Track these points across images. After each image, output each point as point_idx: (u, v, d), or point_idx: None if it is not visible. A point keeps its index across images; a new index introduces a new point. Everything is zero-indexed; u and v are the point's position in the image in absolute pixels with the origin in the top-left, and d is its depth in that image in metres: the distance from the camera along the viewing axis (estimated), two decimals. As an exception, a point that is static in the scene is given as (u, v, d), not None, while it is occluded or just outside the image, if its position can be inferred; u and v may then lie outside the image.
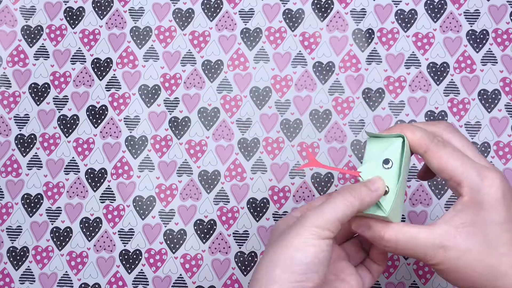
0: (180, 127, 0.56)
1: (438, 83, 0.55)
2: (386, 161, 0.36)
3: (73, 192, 0.56)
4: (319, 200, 0.40)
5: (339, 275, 0.40)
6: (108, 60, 0.57)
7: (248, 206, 0.55)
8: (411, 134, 0.37)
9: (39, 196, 0.56)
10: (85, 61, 0.58)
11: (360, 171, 0.37)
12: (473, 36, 0.56)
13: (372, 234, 0.37)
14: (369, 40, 0.56)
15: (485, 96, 0.55)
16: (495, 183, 0.35)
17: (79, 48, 0.58)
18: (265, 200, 0.55)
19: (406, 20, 0.56)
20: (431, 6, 0.56)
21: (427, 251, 0.35)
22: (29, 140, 0.57)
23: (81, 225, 0.55)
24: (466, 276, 0.35)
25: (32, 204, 0.56)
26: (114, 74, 0.57)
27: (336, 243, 0.42)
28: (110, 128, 0.56)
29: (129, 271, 0.54)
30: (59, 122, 0.57)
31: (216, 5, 0.58)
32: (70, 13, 0.59)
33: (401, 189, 0.37)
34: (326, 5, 0.57)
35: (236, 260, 0.54)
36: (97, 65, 0.58)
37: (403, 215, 0.53)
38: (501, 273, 0.35)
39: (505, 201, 0.35)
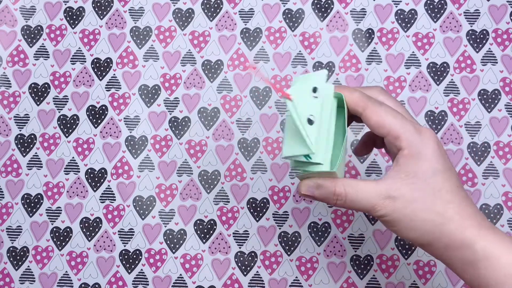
0: (180, 127, 0.56)
1: (438, 83, 0.55)
2: (314, 89, 0.36)
3: (73, 192, 0.56)
4: None
5: None
6: (108, 60, 0.57)
7: (248, 206, 0.55)
8: (349, 94, 0.38)
9: (39, 196, 0.56)
10: (85, 61, 0.58)
11: (290, 94, 0.36)
12: (473, 36, 0.56)
13: (322, 191, 0.38)
14: (369, 40, 0.56)
15: (485, 96, 0.55)
16: (431, 136, 0.37)
17: (79, 48, 0.58)
18: (265, 200, 0.55)
19: (406, 20, 0.56)
20: (431, 6, 0.56)
21: (375, 201, 0.37)
22: (29, 140, 0.57)
23: (81, 225, 0.55)
24: (414, 225, 0.37)
25: (32, 204, 0.56)
26: (114, 74, 0.57)
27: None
28: (110, 128, 0.56)
29: (129, 271, 0.54)
30: (59, 122, 0.57)
31: (216, 5, 0.58)
32: (70, 13, 0.59)
33: (343, 149, 0.38)
34: (326, 5, 0.57)
35: (236, 260, 0.54)
36: (97, 65, 0.58)
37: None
38: (447, 218, 0.36)
39: (441, 152, 0.37)
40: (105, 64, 0.57)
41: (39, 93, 0.57)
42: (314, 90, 0.36)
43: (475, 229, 0.36)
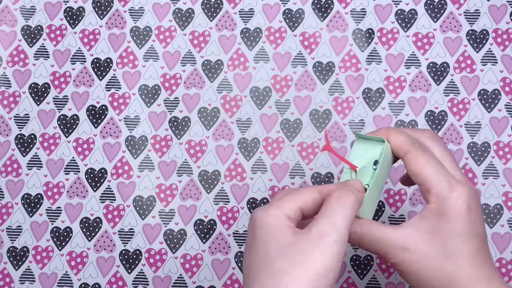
0: (180, 127, 0.56)
1: (438, 83, 0.55)
2: (375, 163, 0.38)
3: (73, 192, 0.56)
4: (293, 195, 0.38)
5: None
6: (108, 60, 0.57)
7: (248, 206, 0.55)
8: (395, 137, 0.38)
9: (39, 196, 0.56)
10: (85, 61, 0.58)
11: (357, 167, 0.39)
12: (473, 36, 0.56)
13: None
14: (369, 40, 0.56)
15: (485, 96, 0.55)
16: (463, 196, 0.36)
17: (79, 48, 0.58)
18: (265, 200, 0.55)
19: (406, 20, 0.56)
20: (431, 6, 0.56)
21: (389, 249, 0.36)
22: (29, 140, 0.57)
23: (81, 225, 0.55)
24: (423, 280, 0.36)
25: (32, 204, 0.56)
26: (114, 74, 0.57)
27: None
28: (110, 128, 0.56)
29: (129, 271, 0.54)
30: (59, 122, 0.57)
31: (216, 5, 0.58)
32: (70, 13, 0.59)
33: (375, 188, 0.39)
34: (326, 5, 0.57)
35: (236, 260, 0.54)
36: (97, 65, 0.57)
37: (378, 212, 0.53)
38: (456, 282, 0.35)
39: (469, 215, 0.35)
40: (105, 64, 0.57)
41: (39, 93, 0.57)
42: (375, 163, 0.38)
43: None
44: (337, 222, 0.34)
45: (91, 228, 0.55)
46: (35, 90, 0.58)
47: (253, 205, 0.55)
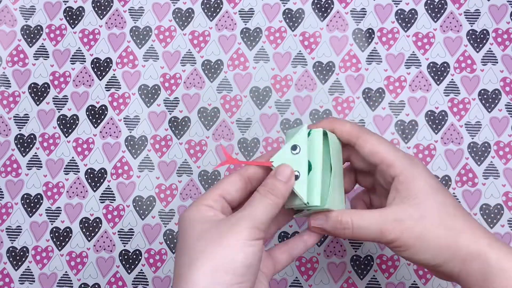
0: (180, 127, 0.56)
1: (438, 83, 0.55)
2: (294, 147, 0.39)
3: (73, 192, 0.56)
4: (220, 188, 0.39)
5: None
6: (108, 60, 0.57)
7: (248, 206, 0.54)
8: (341, 126, 0.40)
9: (38, 196, 0.56)
10: (84, 61, 0.58)
11: (272, 161, 0.39)
12: (473, 36, 0.56)
13: (331, 223, 0.39)
14: (369, 40, 0.56)
15: (485, 96, 0.55)
16: (419, 161, 0.39)
17: (79, 48, 0.58)
18: (265, 200, 0.55)
19: (406, 20, 0.56)
20: (431, 6, 0.56)
21: (383, 226, 0.37)
22: (29, 140, 0.57)
23: (80, 225, 0.55)
24: (427, 245, 0.36)
25: (32, 204, 0.56)
26: (114, 74, 0.57)
27: None
28: (110, 128, 0.56)
29: (129, 271, 0.54)
30: (58, 122, 0.57)
31: (216, 5, 0.58)
32: (70, 13, 0.58)
33: (336, 179, 0.40)
34: (326, 5, 0.57)
35: (236, 260, 0.54)
36: (97, 65, 0.57)
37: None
38: (459, 230, 0.36)
39: (431, 174, 0.39)
40: (105, 64, 0.57)
41: (39, 93, 0.57)
42: (294, 148, 0.39)
43: (485, 240, 0.36)
44: (257, 214, 0.35)
45: (90, 228, 0.55)
46: (34, 90, 0.57)
47: (253, 205, 0.54)
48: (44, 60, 0.58)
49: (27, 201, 0.56)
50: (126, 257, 0.54)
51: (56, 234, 0.55)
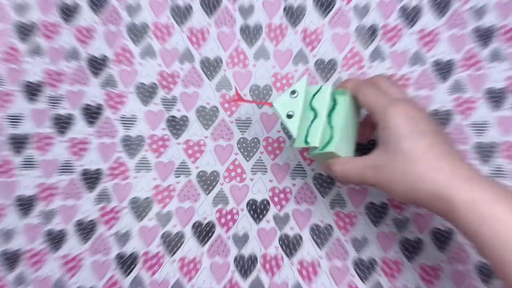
0: (178, 127, 0.55)
1: (443, 81, 0.54)
2: (292, 92, 0.45)
3: (68, 194, 0.54)
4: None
5: None
6: (104, 58, 0.56)
7: (248, 207, 0.53)
8: (347, 84, 0.45)
9: (32, 197, 0.54)
10: (80, 59, 0.56)
11: (272, 101, 0.45)
12: (479, 33, 0.54)
13: (328, 170, 0.45)
14: (372, 37, 0.55)
15: (492, 95, 0.53)
16: (399, 108, 0.40)
17: (74, 45, 0.56)
18: (265, 202, 0.54)
19: (411, 16, 0.55)
20: (436, 2, 0.55)
21: (363, 173, 0.42)
22: (23, 140, 0.55)
23: (76, 228, 0.54)
24: (397, 186, 0.40)
25: (26, 206, 0.54)
26: (110, 72, 0.56)
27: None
28: (106, 128, 0.55)
29: (126, 275, 0.53)
30: (53, 122, 0.55)
31: (215, 1, 0.56)
32: (64, 9, 0.57)
33: (349, 128, 0.45)
34: (328, 1, 0.56)
35: (235, 263, 0.53)
36: (93, 62, 0.56)
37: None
38: (416, 176, 0.39)
39: (411, 119, 0.40)
40: (101, 62, 0.56)
41: (33, 92, 0.56)
42: (293, 92, 0.45)
43: (451, 181, 0.37)
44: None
45: (86, 231, 0.54)
46: (29, 88, 0.56)
47: (253, 207, 0.53)
48: (39, 58, 0.56)
49: (21, 202, 0.54)
50: (122, 260, 0.53)
51: (51, 237, 0.54)
